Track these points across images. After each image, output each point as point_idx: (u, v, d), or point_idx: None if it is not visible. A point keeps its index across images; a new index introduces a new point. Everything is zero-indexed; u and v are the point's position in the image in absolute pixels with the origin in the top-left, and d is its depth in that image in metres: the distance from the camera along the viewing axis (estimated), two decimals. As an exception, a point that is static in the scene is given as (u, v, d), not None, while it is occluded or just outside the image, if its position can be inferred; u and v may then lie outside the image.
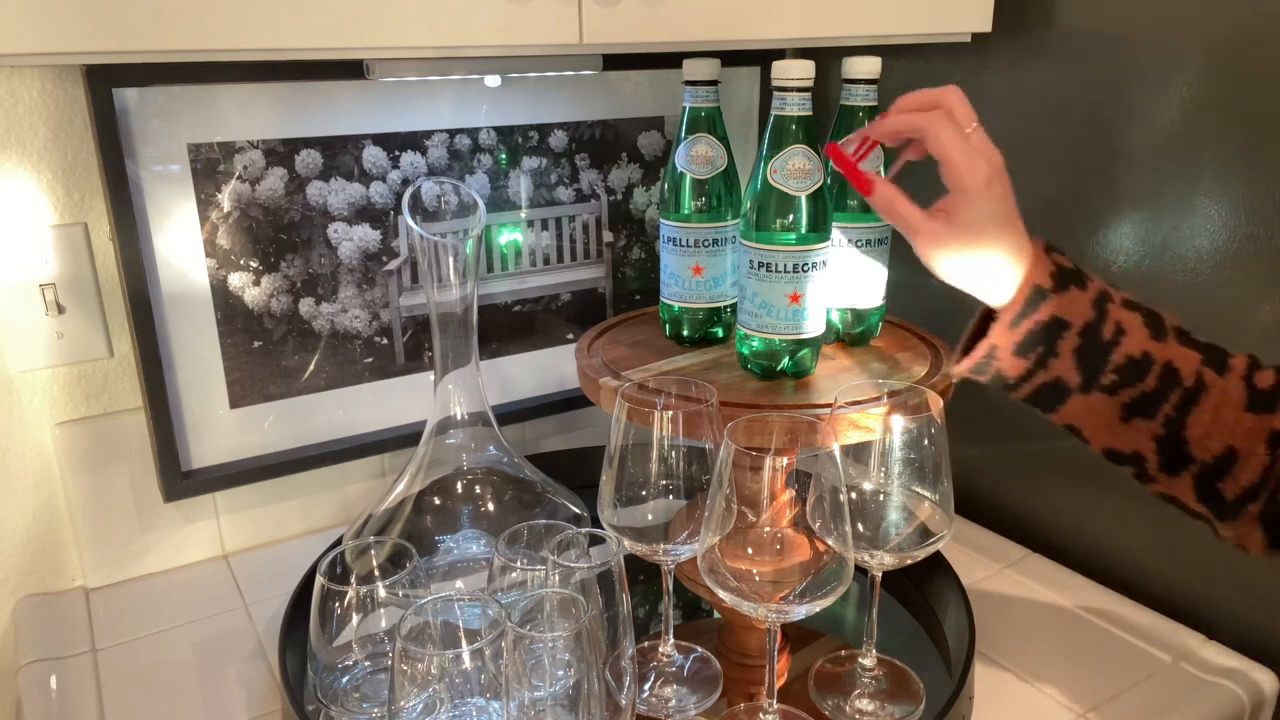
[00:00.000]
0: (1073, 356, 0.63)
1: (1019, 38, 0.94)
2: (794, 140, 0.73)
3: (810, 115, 0.73)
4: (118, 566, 0.95)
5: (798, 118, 0.73)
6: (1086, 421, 0.64)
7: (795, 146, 0.73)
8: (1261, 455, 0.58)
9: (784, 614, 0.63)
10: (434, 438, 0.86)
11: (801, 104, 0.73)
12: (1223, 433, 0.60)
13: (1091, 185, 0.91)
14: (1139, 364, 0.61)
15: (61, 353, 0.89)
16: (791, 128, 0.73)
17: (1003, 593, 0.93)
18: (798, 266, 0.74)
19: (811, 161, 0.73)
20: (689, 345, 0.86)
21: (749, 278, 0.76)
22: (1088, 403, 0.63)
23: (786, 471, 0.62)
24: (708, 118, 0.82)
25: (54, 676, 0.82)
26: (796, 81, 0.72)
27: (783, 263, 0.74)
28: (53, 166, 0.85)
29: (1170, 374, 0.61)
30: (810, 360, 0.78)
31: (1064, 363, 0.63)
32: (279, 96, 0.90)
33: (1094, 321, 0.62)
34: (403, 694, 0.56)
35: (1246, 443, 0.59)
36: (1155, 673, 0.82)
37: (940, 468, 0.69)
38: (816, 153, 0.73)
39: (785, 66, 0.72)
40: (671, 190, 0.83)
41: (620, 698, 0.61)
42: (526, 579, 0.65)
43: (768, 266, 0.74)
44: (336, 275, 0.96)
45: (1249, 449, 0.59)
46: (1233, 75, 0.79)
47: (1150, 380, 0.61)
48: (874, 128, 0.69)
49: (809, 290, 0.75)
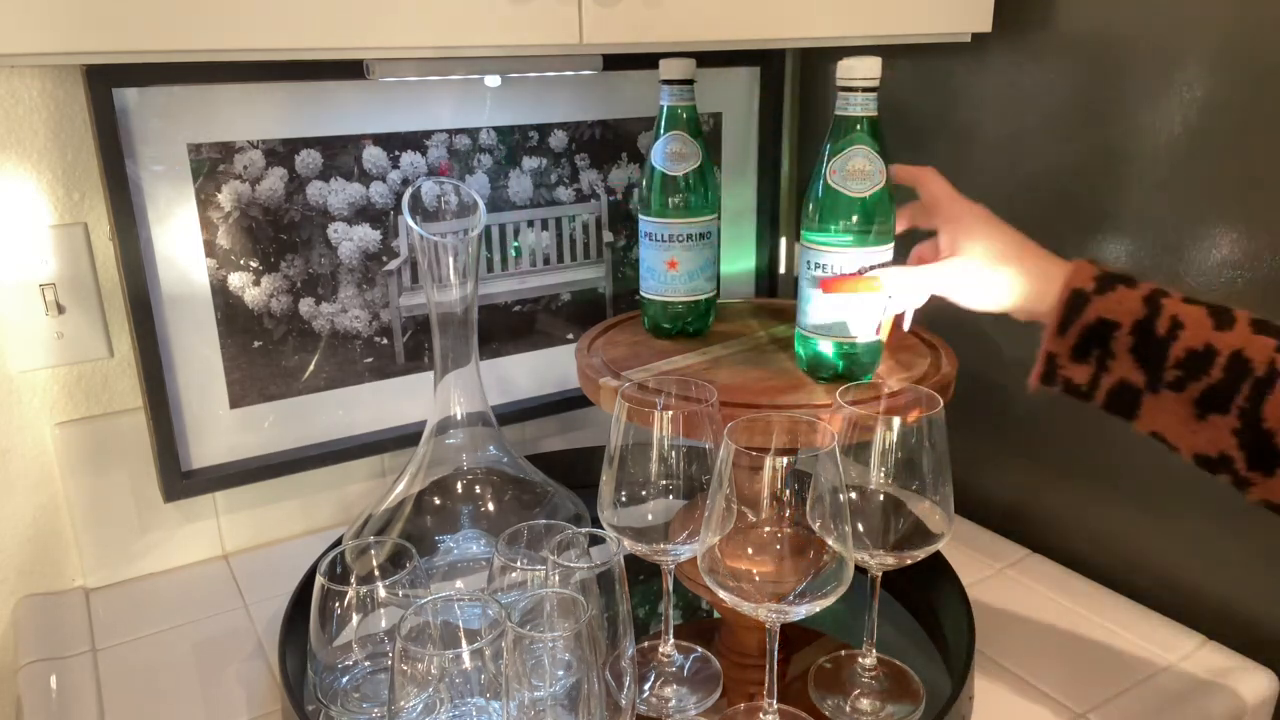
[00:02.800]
0: (1130, 356, 0.62)
1: (1019, 38, 0.94)
2: (856, 140, 0.72)
3: (875, 115, 0.73)
4: (118, 566, 0.95)
5: (863, 118, 0.72)
6: (1166, 425, 0.63)
7: (857, 147, 0.72)
8: None
9: (784, 614, 0.63)
10: (434, 438, 0.86)
11: (866, 104, 0.72)
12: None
13: (1091, 185, 0.91)
14: (1201, 356, 0.60)
15: (61, 353, 0.89)
16: (857, 128, 0.72)
17: (1003, 593, 0.93)
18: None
19: (873, 163, 0.72)
20: (669, 338, 0.88)
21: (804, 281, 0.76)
22: (1159, 403, 0.62)
23: (786, 471, 0.63)
24: (683, 116, 0.83)
25: (54, 676, 0.82)
26: (863, 81, 0.71)
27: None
28: (53, 166, 0.85)
29: (1239, 363, 0.59)
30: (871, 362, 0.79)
31: (1123, 363, 0.62)
32: (279, 96, 0.90)
33: (1145, 318, 0.62)
34: (403, 694, 0.56)
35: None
36: (1155, 673, 0.82)
37: (940, 468, 0.69)
38: (879, 153, 0.72)
39: (850, 65, 0.71)
40: (648, 187, 0.85)
41: (620, 698, 0.61)
42: (526, 579, 0.65)
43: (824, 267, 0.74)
44: (336, 275, 0.96)
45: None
46: (1233, 75, 0.79)
47: (1216, 371, 0.59)
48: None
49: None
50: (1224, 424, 0.59)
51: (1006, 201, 0.99)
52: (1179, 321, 0.61)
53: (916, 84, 1.06)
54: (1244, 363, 0.58)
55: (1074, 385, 0.65)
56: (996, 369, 0.98)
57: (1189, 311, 0.61)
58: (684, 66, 0.82)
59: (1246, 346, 0.59)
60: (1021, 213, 0.98)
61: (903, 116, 1.07)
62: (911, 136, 1.06)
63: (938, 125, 1.04)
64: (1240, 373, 0.58)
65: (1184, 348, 0.60)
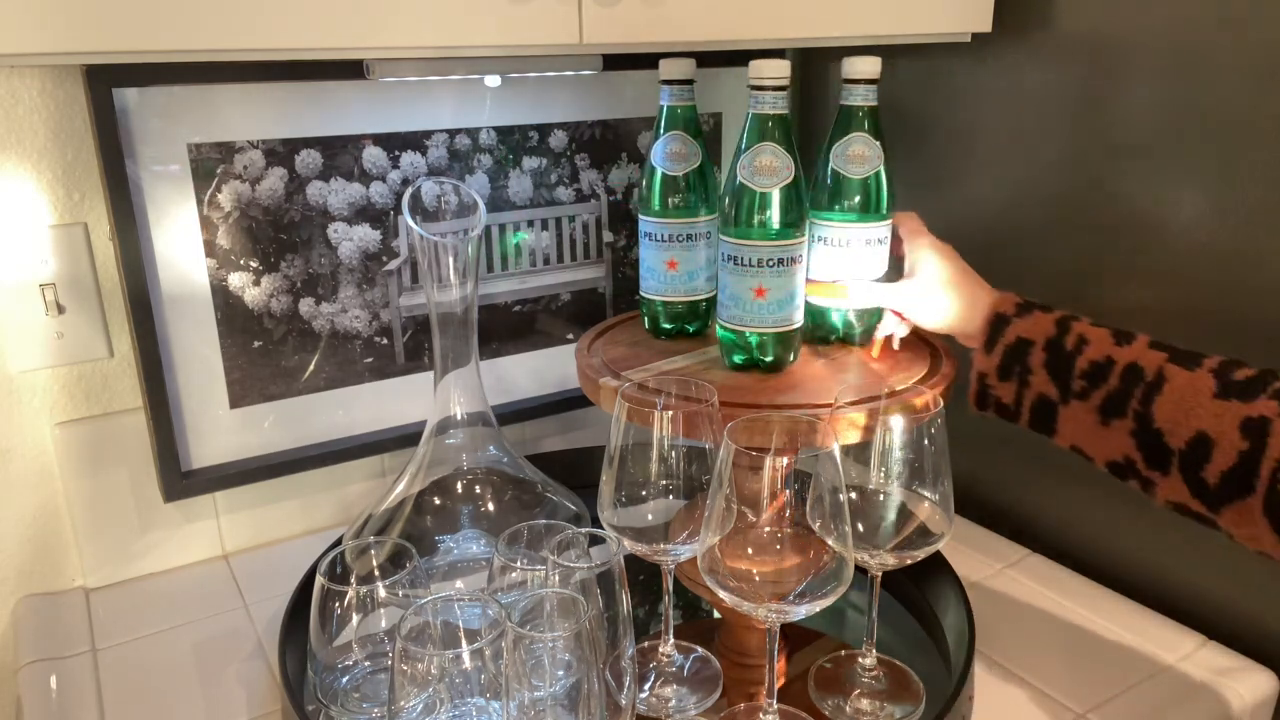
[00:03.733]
0: (1045, 371, 0.70)
1: (1019, 38, 0.94)
2: (765, 138, 0.74)
3: (785, 113, 0.75)
4: (118, 566, 0.95)
5: (772, 115, 0.74)
6: (1079, 435, 0.69)
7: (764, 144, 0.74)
8: (1235, 439, 0.60)
9: (784, 614, 0.63)
10: (434, 438, 0.86)
11: (775, 102, 0.74)
12: (1191, 419, 0.62)
13: (1091, 185, 0.91)
14: (1102, 366, 0.67)
15: (61, 353, 0.89)
16: (766, 125, 0.74)
17: (1003, 593, 0.93)
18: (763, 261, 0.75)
19: (780, 159, 0.74)
20: (669, 338, 0.88)
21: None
22: (1071, 413, 0.69)
23: (786, 471, 0.63)
24: (683, 116, 0.83)
25: (54, 676, 0.82)
26: (771, 80, 0.73)
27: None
28: (53, 166, 0.85)
29: (1133, 371, 0.66)
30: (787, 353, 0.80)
31: (1040, 378, 0.70)
32: (279, 96, 0.90)
33: (1056, 336, 0.70)
34: (403, 694, 0.56)
35: (1217, 427, 0.61)
36: (1155, 673, 0.82)
37: (940, 468, 0.69)
38: (789, 151, 0.75)
39: (760, 65, 0.73)
40: (648, 187, 0.85)
41: (620, 698, 0.61)
42: (526, 579, 0.65)
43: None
44: (336, 275, 0.96)
45: (1220, 432, 0.61)
46: (1233, 75, 0.79)
47: (1114, 380, 0.66)
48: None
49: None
50: (1123, 427, 0.66)
51: (1006, 201, 1.00)
52: (1085, 339, 0.69)
53: (916, 84, 1.06)
54: (1138, 371, 0.66)
55: (1003, 405, 0.73)
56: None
57: (1094, 332, 0.69)
58: (684, 66, 0.82)
59: (1140, 358, 0.66)
60: (1021, 212, 0.98)
61: (903, 116, 1.07)
62: (911, 136, 1.06)
63: (938, 125, 1.04)
64: (1134, 379, 0.66)
65: (1088, 360, 0.68)
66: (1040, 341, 0.70)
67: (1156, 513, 0.68)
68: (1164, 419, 0.64)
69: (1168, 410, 0.63)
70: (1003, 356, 0.72)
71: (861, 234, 0.82)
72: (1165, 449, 0.64)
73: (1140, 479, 0.66)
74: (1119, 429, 0.66)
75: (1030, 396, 0.71)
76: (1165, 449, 0.64)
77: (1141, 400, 0.65)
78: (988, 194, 1.01)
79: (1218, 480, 0.61)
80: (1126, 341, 0.68)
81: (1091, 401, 0.67)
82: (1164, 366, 0.65)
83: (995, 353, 0.72)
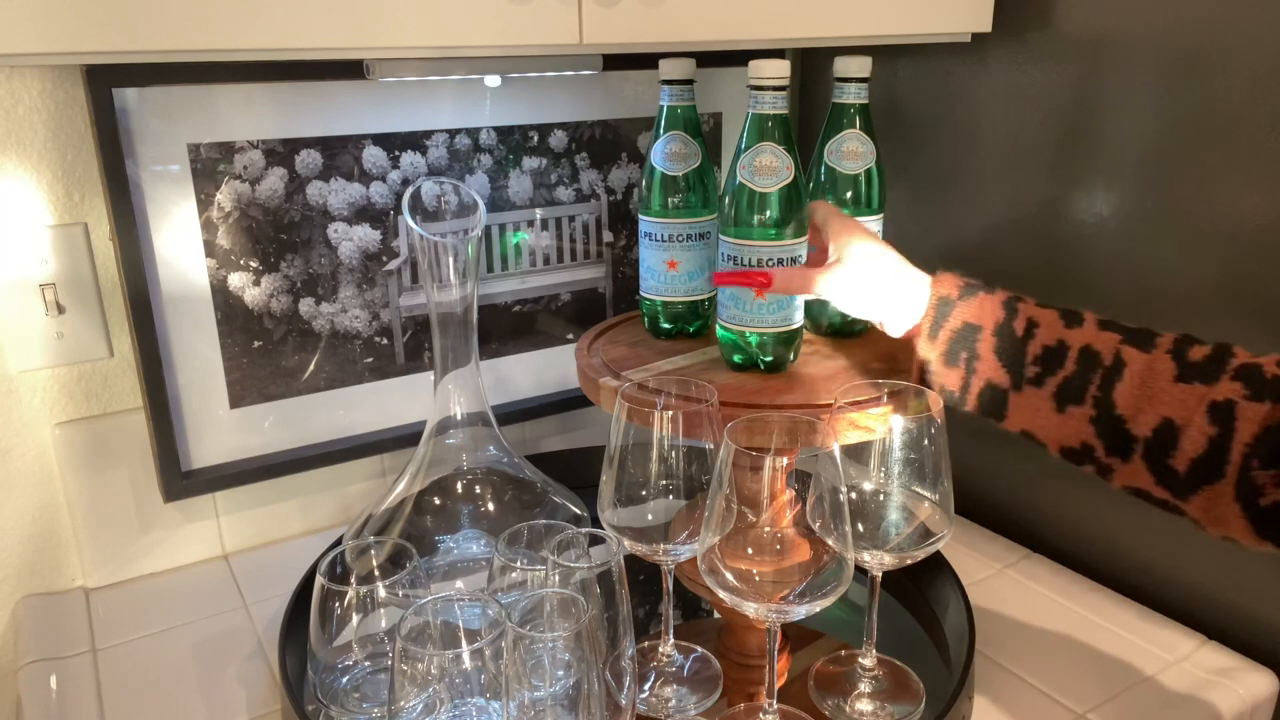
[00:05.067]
0: (994, 357, 0.67)
1: (1019, 38, 0.94)
2: (765, 137, 0.74)
3: (784, 113, 0.74)
4: (118, 566, 0.95)
5: (772, 115, 0.74)
6: (1032, 422, 0.66)
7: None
8: (1202, 425, 0.58)
9: (784, 614, 0.63)
10: (434, 438, 0.86)
11: (775, 102, 0.74)
12: (1155, 405, 0.60)
13: (1090, 185, 0.91)
14: (1055, 351, 0.65)
15: (61, 353, 0.89)
16: (766, 125, 0.74)
17: (1003, 593, 0.93)
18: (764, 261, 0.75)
19: (780, 159, 0.74)
20: (668, 338, 0.88)
21: None
22: (1023, 400, 0.66)
23: (786, 471, 0.63)
24: (683, 116, 0.83)
25: (54, 676, 0.82)
26: (771, 80, 0.73)
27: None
28: (52, 166, 0.85)
29: (1088, 355, 0.63)
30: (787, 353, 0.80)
31: (988, 364, 0.67)
32: (279, 96, 0.90)
33: (1004, 320, 0.67)
34: (403, 694, 0.56)
35: (1183, 413, 0.59)
36: (1155, 673, 0.82)
37: (940, 468, 0.69)
38: (789, 151, 0.74)
39: (759, 65, 0.73)
40: (648, 187, 0.85)
41: (620, 698, 0.61)
42: (526, 579, 0.65)
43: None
44: (336, 275, 0.96)
45: (1186, 419, 0.59)
46: (1233, 76, 0.79)
47: (1069, 364, 0.64)
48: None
49: None
50: (1081, 414, 0.63)
51: (1006, 201, 1.00)
52: (1034, 321, 0.66)
53: (916, 84, 1.06)
54: (1093, 355, 0.63)
55: (949, 391, 0.70)
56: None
57: (1042, 314, 0.66)
58: (684, 66, 0.82)
59: (1094, 341, 0.64)
60: (1021, 212, 0.98)
61: (903, 116, 1.07)
62: (911, 136, 1.07)
63: (937, 125, 1.05)
64: (1090, 364, 0.63)
65: (1040, 344, 0.65)
66: (989, 326, 0.67)
67: (1157, 513, 0.68)
68: (1125, 405, 0.61)
69: (1129, 396, 0.61)
70: (948, 343, 0.69)
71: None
72: (1128, 435, 0.62)
73: (1098, 465, 0.64)
74: (1076, 415, 0.63)
75: (978, 384, 0.68)
76: (1128, 435, 0.62)
77: (1100, 386, 0.62)
78: (987, 193, 1.01)
79: (1187, 467, 0.59)
80: (1077, 323, 0.65)
81: (1046, 388, 0.64)
82: (1120, 349, 0.62)
83: (940, 339, 0.69)
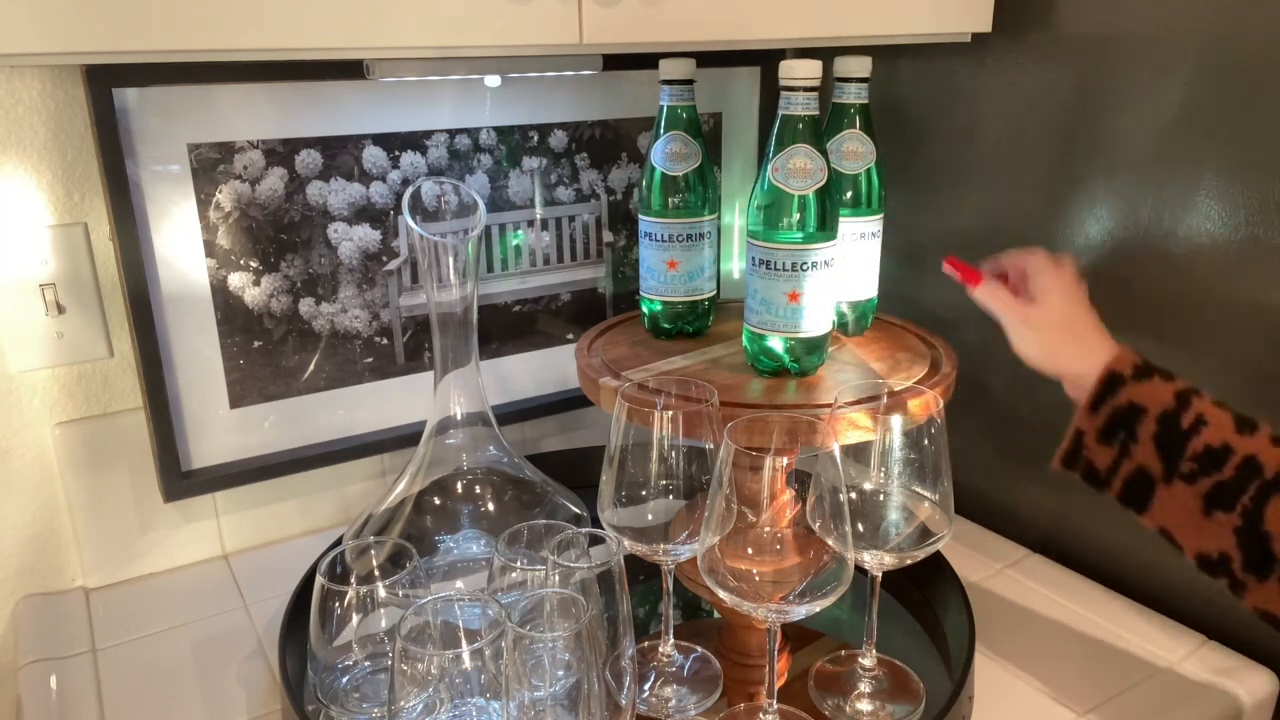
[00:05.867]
0: (1152, 443, 0.64)
1: (1019, 38, 0.94)
2: (798, 139, 0.73)
3: (816, 115, 0.74)
4: (118, 566, 0.95)
5: (804, 117, 0.73)
6: (1174, 519, 0.65)
7: (798, 145, 0.73)
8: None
9: (784, 614, 0.63)
10: (434, 438, 0.86)
11: (807, 103, 0.73)
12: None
13: (1091, 185, 0.91)
14: (1218, 453, 0.62)
15: (61, 353, 0.89)
16: (798, 127, 0.73)
17: (1003, 593, 0.93)
18: (797, 265, 0.74)
19: (814, 161, 0.73)
20: (668, 338, 0.88)
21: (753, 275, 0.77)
22: (1171, 494, 0.64)
23: (786, 471, 0.63)
24: (683, 116, 0.83)
25: (54, 676, 0.82)
26: (803, 81, 0.72)
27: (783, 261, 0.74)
28: (52, 166, 0.85)
29: (1251, 465, 0.61)
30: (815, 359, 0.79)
31: (1144, 449, 0.65)
32: (279, 96, 0.90)
33: (1173, 410, 0.64)
34: (403, 694, 0.56)
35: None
36: (1155, 673, 0.82)
37: (940, 468, 0.69)
38: (821, 152, 0.74)
39: (791, 66, 0.72)
40: (648, 187, 0.85)
41: (620, 698, 0.61)
42: (526, 579, 0.65)
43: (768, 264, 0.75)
44: (336, 275, 0.96)
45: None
46: (1233, 75, 0.79)
47: (1228, 470, 0.61)
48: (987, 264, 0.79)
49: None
50: (1227, 522, 0.61)
51: (1006, 201, 1.00)
52: (1204, 419, 0.63)
53: (916, 84, 1.06)
54: (1257, 466, 0.60)
55: (1094, 469, 0.68)
56: (996, 369, 0.99)
57: (1215, 413, 0.64)
58: (683, 67, 0.82)
59: (1261, 453, 0.61)
60: (1021, 212, 0.98)
61: (903, 116, 1.07)
62: (911, 136, 1.06)
63: (938, 125, 1.04)
64: (1250, 474, 0.61)
65: (1204, 443, 0.63)
66: (1154, 411, 0.65)
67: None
68: (1275, 522, 0.59)
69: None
70: (1109, 418, 0.66)
71: (855, 228, 0.83)
72: (1269, 554, 0.60)
73: (1232, 579, 0.62)
74: (1222, 523, 0.61)
75: (1129, 467, 0.66)
76: (1269, 554, 0.60)
77: (1255, 498, 0.60)
78: (987, 193, 1.01)
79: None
80: (1250, 431, 0.62)
81: (1198, 487, 0.62)
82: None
83: (1101, 413, 0.67)
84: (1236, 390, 0.83)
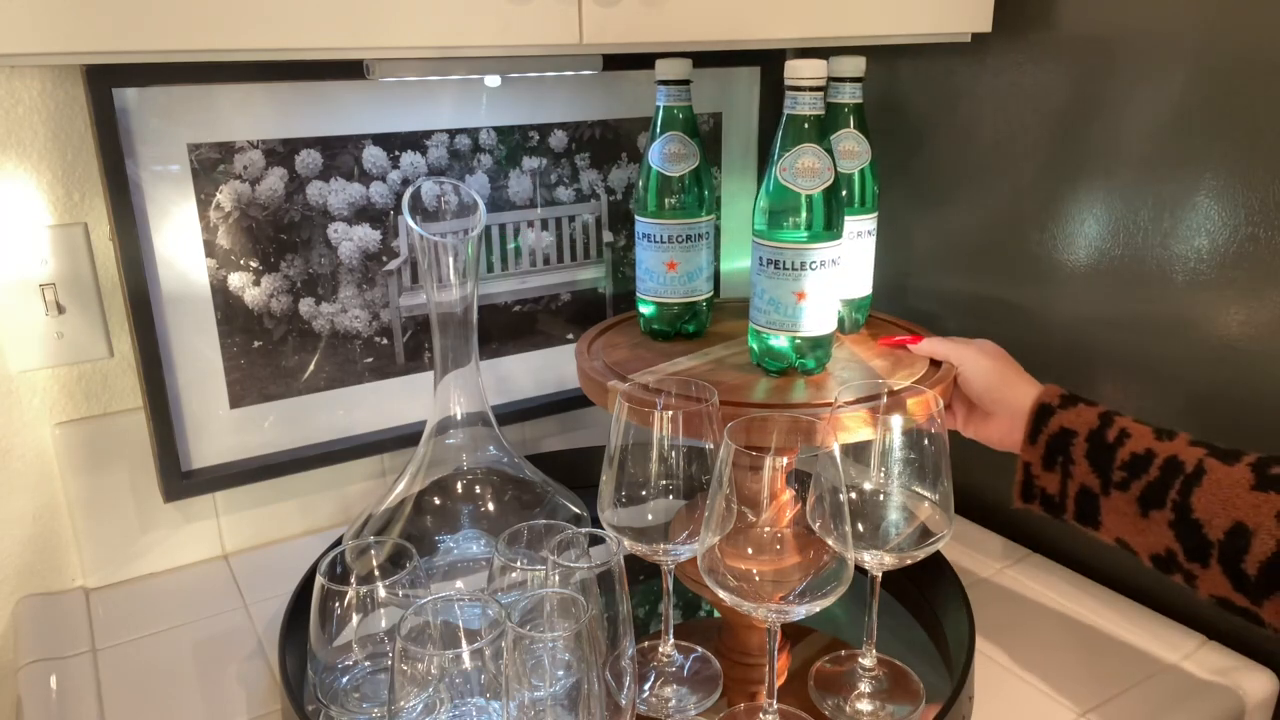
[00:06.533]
0: (1086, 461, 0.71)
1: (1019, 38, 0.94)
2: (805, 139, 0.73)
3: (822, 114, 0.74)
4: (118, 566, 0.95)
5: (810, 117, 0.73)
6: (1122, 527, 0.70)
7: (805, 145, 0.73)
8: (1272, 528, 0.61)
9: (784, 614, 0.63)
10: (434, 438, 0.86)
11: (814, 103, 0.73)
12: (1228, 509, 0.63)
13: (1091, 185, 0.91)
14: (1142, 458, 0.68)
15: (61, 353, 0.89)
16: (804, 126, 0.73)
17: (1003, 593, 0.93)
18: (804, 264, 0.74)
19: (821, 160, 0.73)
20: (666, 339, 0.88)
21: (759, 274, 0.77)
22: (1112, 504, 0.70)
23: (786, 471, 0.63)
24: (680, 116, 0.83)
25: (54, 676, 0.82)
26: (810, 81, 0.72)
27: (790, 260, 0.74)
28: (52, 166, 0.85)
29: (1173, 463, 0.67)
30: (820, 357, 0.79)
31: (1081, 468, 0.71)
32: (279, 96, 0.90)
33: (1098, 428, 0.71)
34: (403, 694, 0.56)
35: (1254, 518, 0.62)
36: (1155, 673, 0.82)
37: (940, 468, 0.69)
38: (827, 151, 0.74)
39: (798, 66, 0.72)
40: (645, 188, 0.85)
41: (620, 698, 0.61)
42: (526, 579, 0.65)
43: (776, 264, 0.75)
44: (336, 275, 0.96)
45: (1258, 523, 0.62)
46: (1233, 75, 0.79)
47: (1154, 470, 0.67)
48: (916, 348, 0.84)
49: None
50: (1162, 518, 0.67)
51: (1006, 201, 1.00)
52: (1127, 432, 0.70)
53: (916, 84, 1.06)
54: (1178, 463, 0.67)
55: (1048, 496, 0.74)
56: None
57: (1136, 427, 0.70)
58: (680, 67, 0.82)
59: (1181, 452, 0.67)
60: (1021, 212, 0.98)
61: (903, 116, 1.07)
62: (911, 136, 1.07)
63: (938, 125, 1.04)
64: (1173, 470, 0.67)
65: (1129, 451, 0.69)
66: (1083, 432, 0.71)
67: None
68: (1202, 510, 0.64)
69: (1206, 501, 0.64)
70: (1046, 446, 0.73)
71: (851, 226, 0.83)
72: (1204, 540, 0.64)
73: (1183, 572, 0.66)
74: (1158, 520, 0.66)
75: (1074, 487, 0.72)
76: (1204, 540, 0.64)
77: (1180, 491, 0.65)
78: (987, 193, 1.01)
79: (1257, 570, 0.62)
80: (1168, 437, 0.69)
81: (1131, 492, 0.68)
82: (1203, 460, 0.65)
83: (1039, 443, 0.73)
84: (1233, 389, 0.83)
